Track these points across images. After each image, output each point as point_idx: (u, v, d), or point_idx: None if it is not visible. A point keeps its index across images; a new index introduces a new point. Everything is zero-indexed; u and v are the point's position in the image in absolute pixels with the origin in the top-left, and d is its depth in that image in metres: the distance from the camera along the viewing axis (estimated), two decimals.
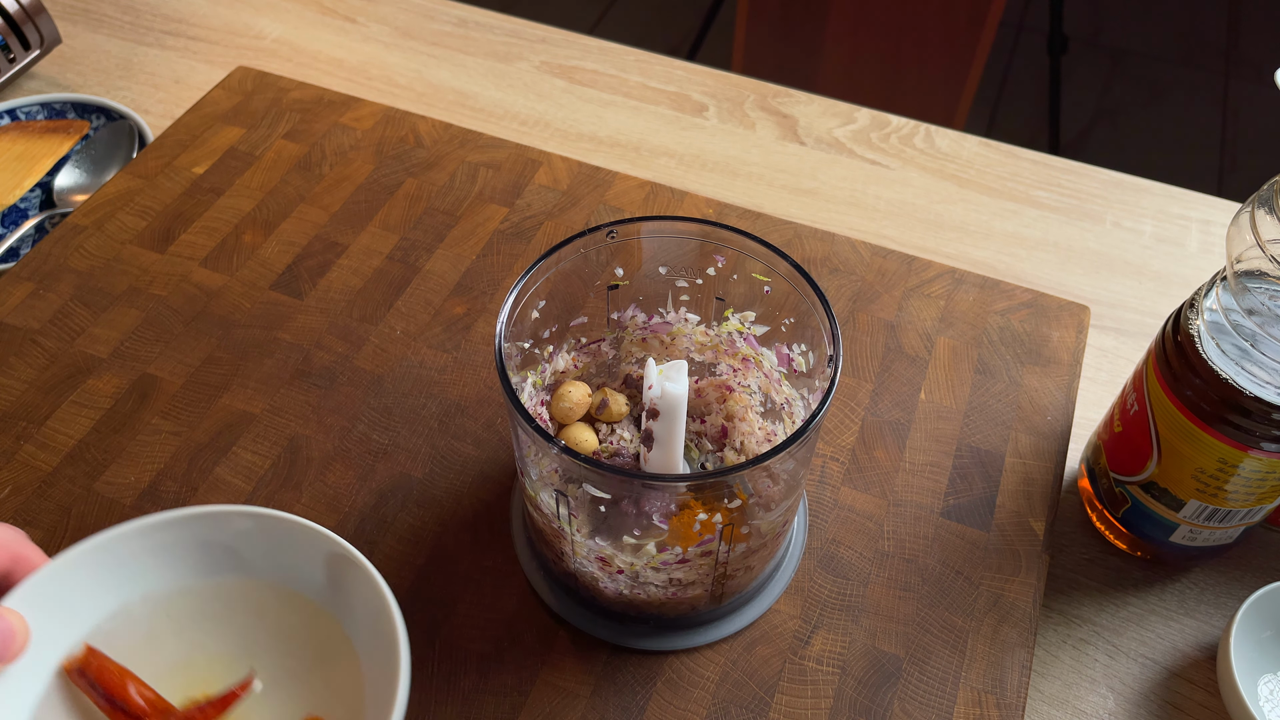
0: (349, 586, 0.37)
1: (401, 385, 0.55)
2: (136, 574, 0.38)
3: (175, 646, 0.38)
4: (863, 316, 0.58)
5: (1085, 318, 0.58)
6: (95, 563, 0.37)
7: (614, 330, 0.49)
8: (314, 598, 0.38)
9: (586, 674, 0.45)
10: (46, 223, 0.67)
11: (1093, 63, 1.99)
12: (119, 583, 0.38)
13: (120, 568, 0.37)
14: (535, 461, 0.41)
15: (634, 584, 0.43)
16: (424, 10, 0.84)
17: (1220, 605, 0.50)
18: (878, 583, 0.48)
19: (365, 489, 0.51)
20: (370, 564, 0.36)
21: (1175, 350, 0.44)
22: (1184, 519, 0.47)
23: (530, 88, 0.77)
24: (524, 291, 0.43)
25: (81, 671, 0.36)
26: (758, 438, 0.48)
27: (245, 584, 0.39)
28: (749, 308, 0.47)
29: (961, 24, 1.29)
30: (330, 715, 0.36)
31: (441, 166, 0.66)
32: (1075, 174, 0.72)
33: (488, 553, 0.49)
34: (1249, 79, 1.95)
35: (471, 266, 0.60)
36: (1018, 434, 0.53)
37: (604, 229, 0.44)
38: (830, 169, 0.72)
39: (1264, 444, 0.42)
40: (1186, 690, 0.48)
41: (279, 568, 0.38)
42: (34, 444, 0.52)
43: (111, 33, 0.82)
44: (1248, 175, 1.79)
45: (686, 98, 0.77)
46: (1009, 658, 0.46)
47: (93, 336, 0.57)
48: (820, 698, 0.44)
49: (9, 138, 0.70)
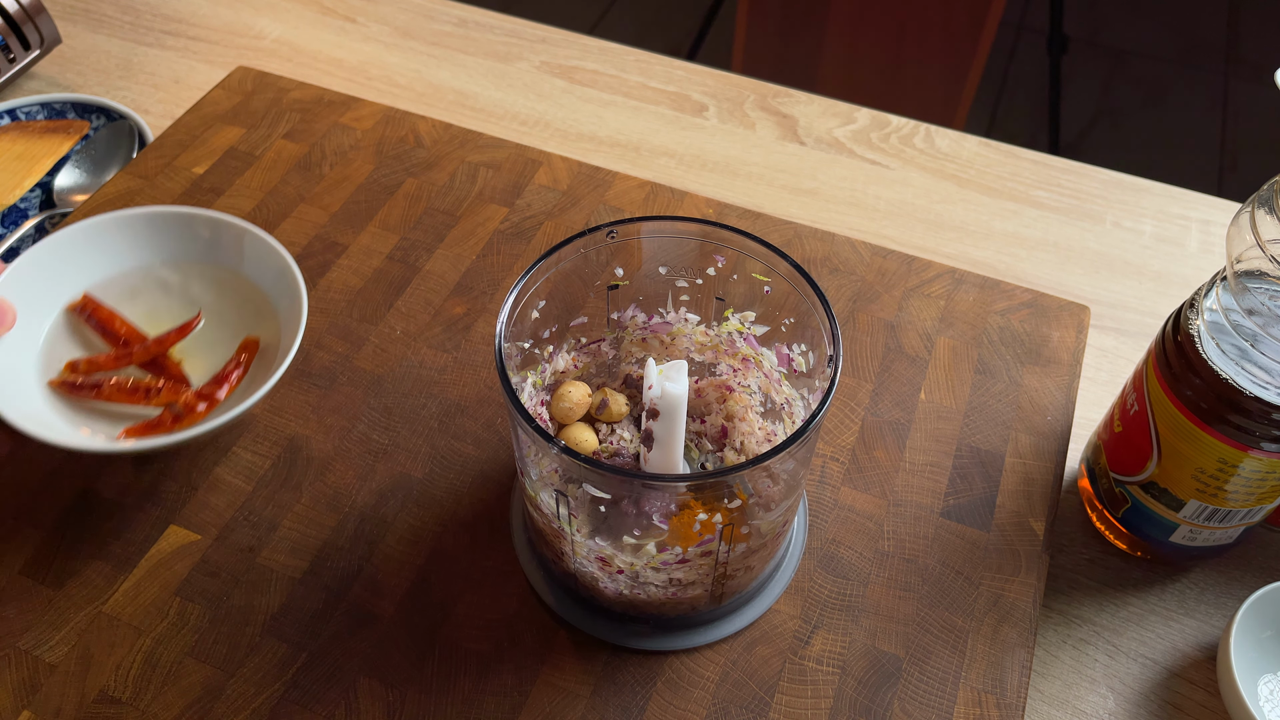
0: (263, 258, 0.54)
1: (401, 385, 0.55)
2: (114, 253, 0.55)
3: (146, 300, 0.55)
4: (863, 316, 0.58)
5: (1085, 318, 0.58)
6: (85, 240, 0.54)
7: (614, 330, 0.49)
8: (242, 271, 0.55)
9: (586, 674, 0.45)
10: (46, 223, 0.67)
11: (1093, 63, 1.99)
12: (106, 257, 0.54)
13: (107, 245, 0.54)
14: (535, 461, 0.41)
15: (634, 584, 0.43)
16: (424, 10, 0.84)
17: (1220, 605, 0.50)
18: (878, 583, 0.48)
19: (365, 489, 0.51)
20: (274, 238, 0.53)
21: (1175, 350, 0.44)
22: (1184, 519, 0.47)
23: (530, 88, 0.77)
24: (524, 291, 0.43)
25: (81, 309, 0.53)
26: (758, 438, 0.48)
27: (197, 265, 0.56)
28: (749, 308, 0.47)
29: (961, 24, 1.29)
30: (260, 335, 0.53)
31: (441, 166, 0.66)
32: (1075, 174, 0.72)
33: (488, 553, 0.49)
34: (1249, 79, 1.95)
35: (471, 266, 0.60)
36: (1018, 434, 0.53)
37: (604, 229, 0.44)
38: (830, 169, 0.72)
39: (1264, 444, 0.42)
40: (1186, 690, 0.48)
41: (219, 254, 0.55)
42: (34, 444, 0.52)
43: (111, 33, 0.82)
44: (1248, 175, 1.79)
45: (686, 98, 0.77)
46: (1009, 658, 0.46)
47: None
48: (820, 698, 0.44)
49: (9, 138, 0.70)
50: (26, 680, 0.44)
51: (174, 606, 0.47)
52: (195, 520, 0.49)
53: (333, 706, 0.44)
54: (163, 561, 0.48)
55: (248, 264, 0.54)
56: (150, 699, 0.44)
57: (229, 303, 0.55)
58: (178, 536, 0.49)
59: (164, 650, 0.45)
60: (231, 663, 0.45)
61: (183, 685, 0.44)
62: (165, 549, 0.48)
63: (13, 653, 0.45)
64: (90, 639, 0.46)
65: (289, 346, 0.49)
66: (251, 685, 0.44)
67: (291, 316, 0.51)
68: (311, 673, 0.45)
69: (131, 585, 0.47)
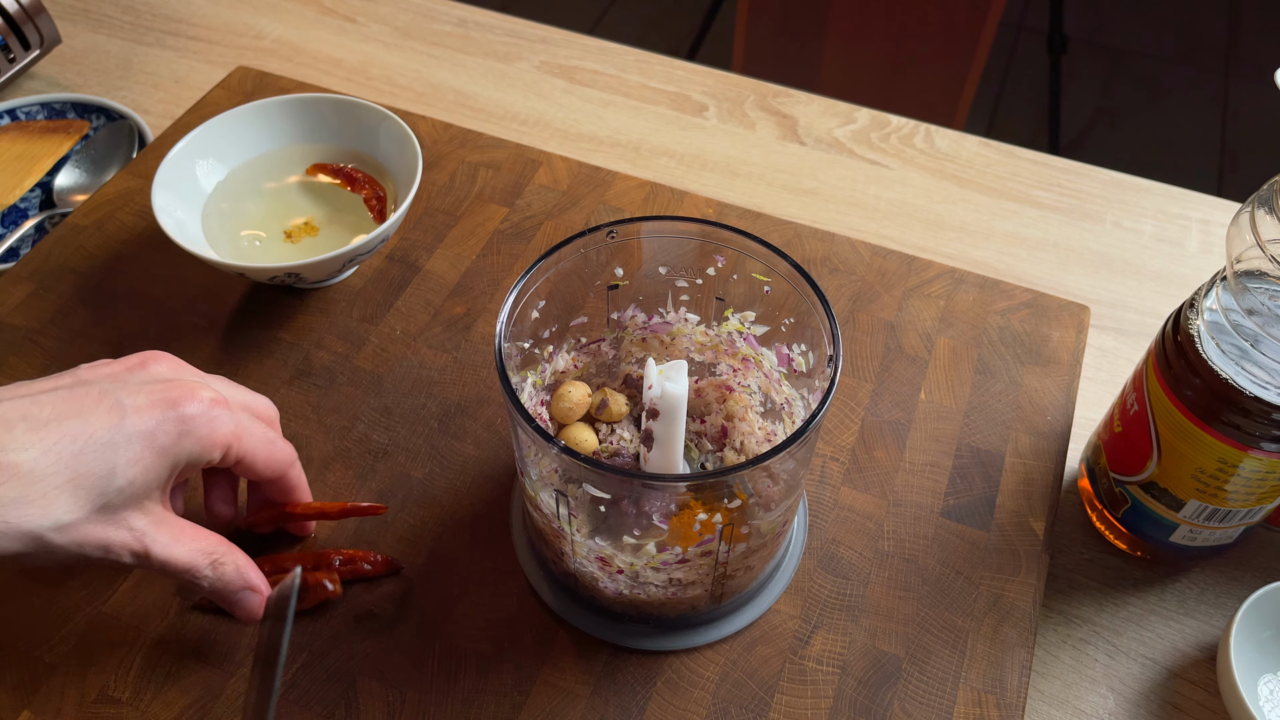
0: (389, 132, 0.60)
1: (401, 385, 0.55)
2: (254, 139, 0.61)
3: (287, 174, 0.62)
4: (863, 316, 0.58)
5: (1085, 318, 0.58)
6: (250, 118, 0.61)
7: (614, 330, 0.49)
8: (363, 149, 0.62)
9: (586, 674, 0.45)
10: (46, 223, 0.67)
11: (1093, 63, 1.99)
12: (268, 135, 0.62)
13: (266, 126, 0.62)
14: (535, 461, 0.41)
15: (634, 584, 0.43)
16: (424, 10, 0.84)
17: (1220, 605, 0.50)
18: (878, 583, 0.48)
19: (365, 489, 0.51)
20: (398, 117, 0.60)
21: (1175, 350, 0.44)
22: (1184, 519, 0.47)
23: (530, 88, 0.77)
24: (524, 291, 0.43)
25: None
26: (758, 438, 0.48)
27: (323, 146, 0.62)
28: (749, 308, 0.47)
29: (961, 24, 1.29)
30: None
31: (441, 166, 0.66)
32: (1075, 174, 0.72)
33: (488, 553, 0.49)
34: (1249, 79, 1.95)
35: (471, 266, 0.60)
36: (1018, 434, 0.53)
37: (604, 229, 0.44)
38: (830, 169, 0.72)
39: (1264, 444, 0.42)
40: (1186, 690, 0.48)
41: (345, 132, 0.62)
42: None
43: (111, 33, 0.82)
44: (1248, 175, 1.79)
45: (686, 98, 0.77)
46: (1009, 658, 0.46)
47: (93, 336, 0.57)
48: (820, 698, 0.44)
49: (9, 138, 0.70)
50: (26, 680, 0.44)
51: (174, 606, 0.47)
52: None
53: (333, 706, 0.44)
54: None
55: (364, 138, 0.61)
56: (150, 699, 0.44)
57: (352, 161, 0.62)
58: None
59: (164, 650, 0.45)
60: (231, 663, 0.45)
61: (183, 685, 0.44)
62: None
63: (13, 653, 0.45)
64: (90, 639, 0.46)
65: (408, 190, 0.57)
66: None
67: (408, 172, 0.58)
68: (311, 673, 0.45)
69: (131, 585, 0.47)
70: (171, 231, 0.53)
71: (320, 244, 0.58)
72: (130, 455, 0.37)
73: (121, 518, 0.37)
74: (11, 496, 0.34)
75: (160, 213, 0.54)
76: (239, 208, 0.59)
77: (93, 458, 0.36)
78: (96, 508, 0.36)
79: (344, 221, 0.59)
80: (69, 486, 0.36)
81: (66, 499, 0.36)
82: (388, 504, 0.50)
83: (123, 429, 0.37)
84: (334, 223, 0.59)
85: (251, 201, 0.60)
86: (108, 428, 0.37)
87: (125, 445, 0.37)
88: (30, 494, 0.35)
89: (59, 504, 0.35)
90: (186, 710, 0.44)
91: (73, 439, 0.36)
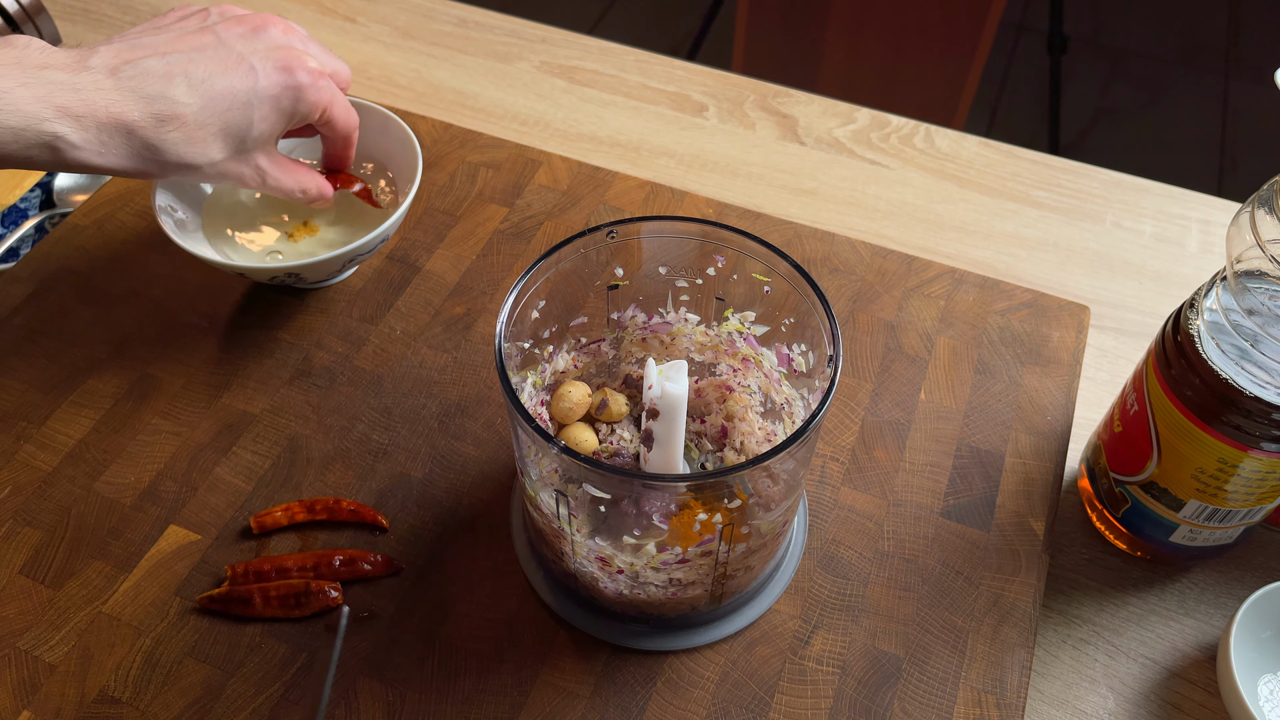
0: (389, 132, 0.60)
1: (401, 385, 0.55)
2: None
3: None
4: (863, 316, 0.58)
5: (1085, 318, 0.58)
6: None
7: (614, 330, 0.49)
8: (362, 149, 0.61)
9: (586, 674, 0.45)
10: (46, 223, 0.67)
11: (1093, 63, 1.99)
12: None
13: None
14: (535, 461, 0.41)
15: (634, 584, 0.43)
16: (424, 10, 0.84)
17: (1220, 605, 0.50)
18: (878, 583, 0.48)
19: (365, 489, 0.51)
20: (399, 118, 0.60)
21: (1175, 350, 0.44)
22: (1184, 519, 0.47)
23: (530, 88, 0.77)
24: (524, 291, 0.43)
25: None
26: (758, 438, 0.48)
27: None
28: (749, 308, 0.47)
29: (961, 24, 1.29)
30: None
31: (441, 166, 0.66)
32: (1075, 174, 0.72)
33: (488, 553, 0.49)
34: (1249, 79, 1.95)
35: (471, 266, 0.60)
36: (1018, 434, 0.53)
37: (604, 229, 0.44)
38: (830, 169, 0.72)
39: (1264, 444, 0.42)
40: (1186, 690, 0.48)
41: None
42: (34, 444, 0.52)
43: (111, 33, 0.81)
44: (1248, 175, 1.79)
45: (686, 98, 0.77)
46: (1009, 658, 0.46)
47: (93, 336, 0.57)
48: (820, 698, 0.44)
49: None
50: (26, 680, 0.44)
51: (174, 606, 0.47)
52: (195, 520, 0.49)
53: (333, 706, 0.44)
54: (163, 561, 0.48)
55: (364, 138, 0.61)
56: (150, 699, 0.44)
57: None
58: (178, 536, 0.49)
59: (164, 650, 0.45)
60: (231, 663, 0.45)
61: (183, 685, 0.44)
62: (165, 549, 0.48)
63: (13, 653, 0.45)
64: (90, 639, 0.46)
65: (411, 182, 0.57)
66: (251, 685, 0.44)
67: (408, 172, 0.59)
68: (311, 673, 0.45)
69: (131, 585, 0.47)
70: (171, 231, 0.53)
71: (320, 244, 0.58)
72: (262, 113, 0.49)
73: (250, 158, 0.51)
74: (181, 138, 0.47)
75: (160, 213, 0.54)
76: (239, 208, 0.59)
77: (237, 114, 0.48)
78: (236, 150, 0.49)
79: (344, 222, 0.59)
80: (220, 134, 0.48)
81: (219, 143, 0.48)
82: (388, 504, 0.50)
83: (257, 92, 0.48)
84: (334, 223, 0.59)
85: (251, 201, 0.60)
86: (246, 89, 0.48)
87: (258, 105, 0.49)
88: (194, 137, 0.47)
89: (213, 147, 0.48)
90: (186, 710, 0.44)
91: (222, 97, 0.47)
